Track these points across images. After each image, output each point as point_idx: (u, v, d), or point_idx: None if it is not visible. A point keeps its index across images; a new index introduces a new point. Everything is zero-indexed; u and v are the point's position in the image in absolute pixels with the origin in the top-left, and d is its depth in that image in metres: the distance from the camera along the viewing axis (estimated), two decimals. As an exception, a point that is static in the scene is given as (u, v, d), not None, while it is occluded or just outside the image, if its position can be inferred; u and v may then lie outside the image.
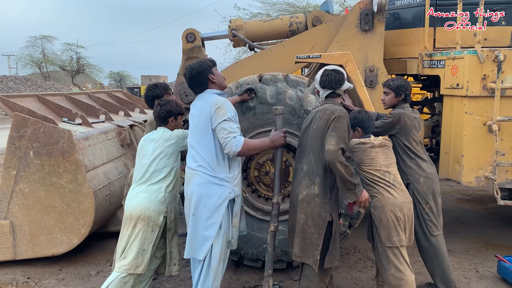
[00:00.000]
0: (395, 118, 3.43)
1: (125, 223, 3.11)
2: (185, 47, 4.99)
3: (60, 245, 4.22)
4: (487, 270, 4.17)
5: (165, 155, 3.15)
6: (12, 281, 3.99)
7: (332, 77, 3.02)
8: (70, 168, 4.13)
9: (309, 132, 2.99)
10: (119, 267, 3.03)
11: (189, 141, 3.03)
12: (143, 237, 3.06)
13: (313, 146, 2.94)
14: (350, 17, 4.57)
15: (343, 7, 17.47)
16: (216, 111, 2.86)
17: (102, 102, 6.15)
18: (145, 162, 3.16)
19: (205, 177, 2.90)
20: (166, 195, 3.15)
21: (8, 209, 4.17)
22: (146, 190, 3.12)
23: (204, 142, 2.92)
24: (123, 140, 5.20)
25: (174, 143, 3.19)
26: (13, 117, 4.14)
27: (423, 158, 3.47)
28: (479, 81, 3.96)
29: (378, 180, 3.14)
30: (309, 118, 3.07)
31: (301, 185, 2.96)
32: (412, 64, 4.75)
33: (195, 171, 2.93)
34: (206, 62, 3.05)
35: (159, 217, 3.09)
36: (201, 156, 2.92)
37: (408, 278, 3.10)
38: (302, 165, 3.00)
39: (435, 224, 3.42)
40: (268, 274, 3.09)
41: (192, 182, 2.93)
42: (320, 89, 3.11)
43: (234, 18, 7.02)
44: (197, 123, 2.95)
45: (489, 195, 6.60)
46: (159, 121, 3.32)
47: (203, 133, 2.92)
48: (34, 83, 34.13)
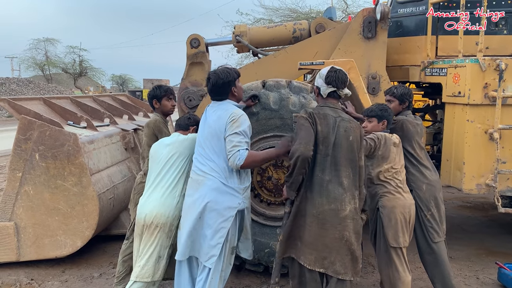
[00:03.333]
0: (397, 125, 3.47)
1: (141, 230, 3.11)
2: (189, 52, 5.04)
3: (63, 247, 4.25)
4: (488, 277, 4.19)
5: (179, 156, 3.16)
6: (15, 282, 4.03)
7: (340, 74, 2.91)
8: (75, 171, 4.17)
9: (340, 141, 2.81)
10: (137, 276, 3.05)
11: (202, 145, 3.00)
12: (160, 244, 3.07)
13: (351, 159, 2.83)
14: (353, 25, 4.61)
15: (345, 13, 17.55)
16: (231, 122, 2.90)
17: (106, 106, 6.19)
18: (160, 166, 3.17)
19: (218, 183, 2.91)
20: (180, 199, 3.15)
21: (13, 210, 4.21)
22: (161, 196, 3.11)
23: (221, 149, 2.93)
24: (127, 144, 5.24)
25: (190, 144, 3.21)
26: (19, 119, 4.18)
27: (426, 165, 3.49)
28: (480, 90, 4.00)
29: (392, 179, 3.20)
30: (329, 123, 2.83)
31: (343, 201, 2.78)
32: (414, 71, 4.79)
33: (208, 174, 2.92)
34: (233, 74, 3.06)
35: (174, 223, 3.10)
36: (215, 163, 2.93)
37: (405, 279, 3.17)
38: (339, 179, 2.80)
39: (437, 231, 3.45)
40: (275, 282, 3.09)
41: (204, 185, 2.91)
42: (323, 85, 2.95)
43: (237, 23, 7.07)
44: (215, 129, 2.95)
45: (490, 203, 6.62)
46: (182, 126, 3.43)
47: (220, 141, 2.93)
48: (36, 85, 34.27)
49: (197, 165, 3.01)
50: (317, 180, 2.81)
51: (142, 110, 6.92)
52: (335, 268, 2.77)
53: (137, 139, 5.46)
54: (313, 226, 2.79)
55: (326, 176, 2.79)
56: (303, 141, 2.73)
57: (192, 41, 5.05)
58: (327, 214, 2.77)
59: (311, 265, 2.80)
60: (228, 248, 2.98)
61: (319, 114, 2.84)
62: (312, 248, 2.80)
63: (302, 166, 2.70)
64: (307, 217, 2.82)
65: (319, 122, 2.81)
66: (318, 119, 2.82)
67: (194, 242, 2.94)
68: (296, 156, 2.69)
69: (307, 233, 2.81)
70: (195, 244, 2.95)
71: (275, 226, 3.97)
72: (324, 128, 2.81)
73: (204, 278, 2.92)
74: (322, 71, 2.99)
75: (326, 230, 2.77)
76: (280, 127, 3.80)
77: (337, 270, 2.77)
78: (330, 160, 2.80)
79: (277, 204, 4.09)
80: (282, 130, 3.80)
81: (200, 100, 4.75)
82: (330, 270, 2.77)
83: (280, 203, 4.09)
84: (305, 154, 2.68)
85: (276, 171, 4.03)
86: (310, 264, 2.80)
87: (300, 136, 2.77)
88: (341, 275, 2.77)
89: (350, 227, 2.78)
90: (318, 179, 2.81)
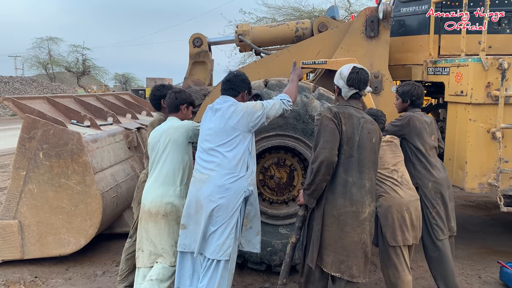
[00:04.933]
0: (404, 121, 3.49)
1: (145, 218, 3.18)
2: (192, 51, 5.06)
3: (67, 245, 4.28)
4: (490, 276, 4.19)
5: (173, 143, 3.18)
6: (19, 280, 4.06)
7: (362, 75, 2.83)
8: (78, 170, 4.20)
9: (364, 143, 2.75)
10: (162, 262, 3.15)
11: (208, 141, 3.01)
12: (172, 232, 3.16)
13: (373, 162, 2.80)
14: (355, 24, 4.62)
15: (348, 12, 17.53)
16: (253, 107, 2.98)
17: (110, 105, 6.21)
18: (157, 155, 3.21)
19: (223, 178, 2.91)
20: (182, 188, 3.21)
21: (17, 209, 4.24)
22: (162, 184, 3.17)
23: (232, 142, 2.94)
24: (130, 143, 5.26)
25: (184, 132, 3.22)
26: (24, 118, 4.21)
27: (433, 163, 3.49)
28: (483, 89, 4.00)
29: (385, 178, 3.19)
30: (354, 123, 2.75)
31: (364, 203, 2.73)
32: (416, 70, 4.80)
33: (212, 170, 2.93)
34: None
35: (180, 210, 3.14)
36: (223, 156, 2.93)
37: (405, 278, 3.18)
38: (362, 181, 2.73)
39: (441, 228, 3.45)
40: (282, 283, 3.10)
41: (209, 183, 2.92)
42: (344, 86, 2.85)
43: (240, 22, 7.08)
44: (225, 125, 2.95)
45: (493, 202, 6.61)
46: (171, 108, 3.38)
47: (230, 134, 2.94)
48: (40, 84, 34.40)
49: (201, 163, 3.01)
50: (340, 181, 2.72)
51: (145, 109, 6.95)
52: (352, 272, 2.71)
53: (140, 138, 5.48)
54: (332, 228, 2.72)
55: (350, 178, 2.72)
56: (328, 145, 2.65)
57: (194, 40, 5.07)
58: (348, 216, 2.70)
59: (327, 267, 2.75)
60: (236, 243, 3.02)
61: (344, 113, 2.76)
62: (330, 250, 2.73)
63: (326, 172, 2.64)
64: (327, 218, 2.74)
65: (344, 122, 2.72)
66: (344, 119, 2.73)
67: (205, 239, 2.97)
68: (320, 160, 2.62)
69: (326, 234, 2.74)
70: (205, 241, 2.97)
71: (277, 224, 3.99)
72: (349, 128, 2.72)
73: (217, 272, 2.93)
74: (343, 71, 2.89)
75: (346, 233, 2.70)
76: (283, 126, 3.81)
77: (353, 274, 2.72)
78: (355, 162, 2.72)
79: (279, 202, 4.11)
80: (285, 129, 3.81)
81: (202, 99, 4.76)
82: (346, 275, 2.72)
83: (282, 202, 4.11)
84: (330, 159, 2.62)
85: (278, 170, 4.05)
86: (326, 267, 2.75)
87: (324, 138, 2.69)
88: (356, 278, 2.74)
89: (367, 229, 2.75)
90: (341, 180, 2.72)
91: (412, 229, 3.21)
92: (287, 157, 4.06)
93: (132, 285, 3.50)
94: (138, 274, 3.25)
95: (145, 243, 3.20)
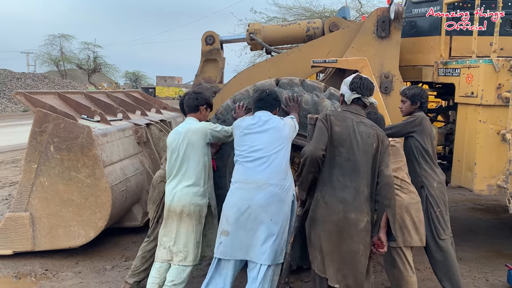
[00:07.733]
0: (417, 119, 3.49)
1: (171, 217, 3.29)
2: (204, 49, 5.09)
3: (77, 238, 4.33)
4: (497, 279, 4.17)
5: (193, 146, 3.27)
6: (31, 272, 4.11)
7: (365, 81, 2.86)
8: (88, 163, 4.25)
9: (362, 147, 2.72)
10: (180, 261, 3.25)
11: (256, 149, 3.15)
12: (195, 231, 3.28)
13: (372, 168, 2.74)
14: (367, 24, 4.62)
15: (359, 13, 17.48)
16: (290, 122, 3.39)
17: (119, 101, 6.27)
18: (179, 156, 3.29)
19: (278, 188, 3.08)
20: (204, 189, 3.32)
21: (28, 201, 4.29)
22: (186, 185, 3.28)
23: (281, 152, 3.15)
24: (139, 138, 5.31)
25: (202, 135, 3.31)
26: (35, 112, 4.27)
27: (437, 165, 3.53)
28: (493, 90, 3.98)
29: None
30: (348, 125, 2.76)
31: (363, 211, 2.68)
32: (427, 71, 4.78)
33: (268, 179, 3.08)
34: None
35: (203, 209, 3.30)
36: (275, 167, 3.11)
37: (409, 279, 3.19)
38: (360, 187, 2.70)
39: (444, 228, 3.45)
40: (285, 282, 3.14)
41: (267, 190, 3.06)
42: (347, 91, 2.88)
43: (251, 21, 7.10)
44: (274, 134, 3.19)
45: (502, 205, 6.56)
46: (191, 108, 3.46)
47: (279, 143, 3.17)
48: (51, 80, 34.73)
49: (249, 174, 3.13)
50: (338, 185, 2.71)
51: (154, 107, 7.00)
52: (347, 282, 2.66)
53: (150, 134, 5.53)
54: (332, 235, 2.68)
55: (348, 182, 2.70)
56: (314, 141, 2.74)
57: (207, 38, 5.11)
58: (347, 223, 2.66)
59: (331, 280, 2.70)
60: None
61: (337, 116, 2.80)
62: (330, 259, 2.70)
63: (311, 165, 2.69)
64: (326, 223, 2.70)
65: (336, 123, 2.74)
66: (335, 120, 2.75)
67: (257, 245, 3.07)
68: (306, 155, 2.70)
69: (327, 242, 2.70)
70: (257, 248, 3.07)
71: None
72: (342, 130, 2.73)
73: (268, 277, 3.07)
74: (347, 79, 2.94)
75: (344, 239, 2.66)
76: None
77: (348, 285, 2.66)
78: (352, 165, 2.71)
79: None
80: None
81: (213, 97, 4.79)
82: (342, 284, 2.67)
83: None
84: (314, 154, 2.67)
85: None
86: (331, 280, 2.70)
87: (312, 136, 2.81)
88: None
89: (365, 240, 2.69)
90: (338, 183, 2.71)
91: (415, 232, 3.22)
92: (296, 155, 4.06)
93: (141, 281, 3.61)
94: (154, 267, 3.36)
95: (166, 241, 3.30)
